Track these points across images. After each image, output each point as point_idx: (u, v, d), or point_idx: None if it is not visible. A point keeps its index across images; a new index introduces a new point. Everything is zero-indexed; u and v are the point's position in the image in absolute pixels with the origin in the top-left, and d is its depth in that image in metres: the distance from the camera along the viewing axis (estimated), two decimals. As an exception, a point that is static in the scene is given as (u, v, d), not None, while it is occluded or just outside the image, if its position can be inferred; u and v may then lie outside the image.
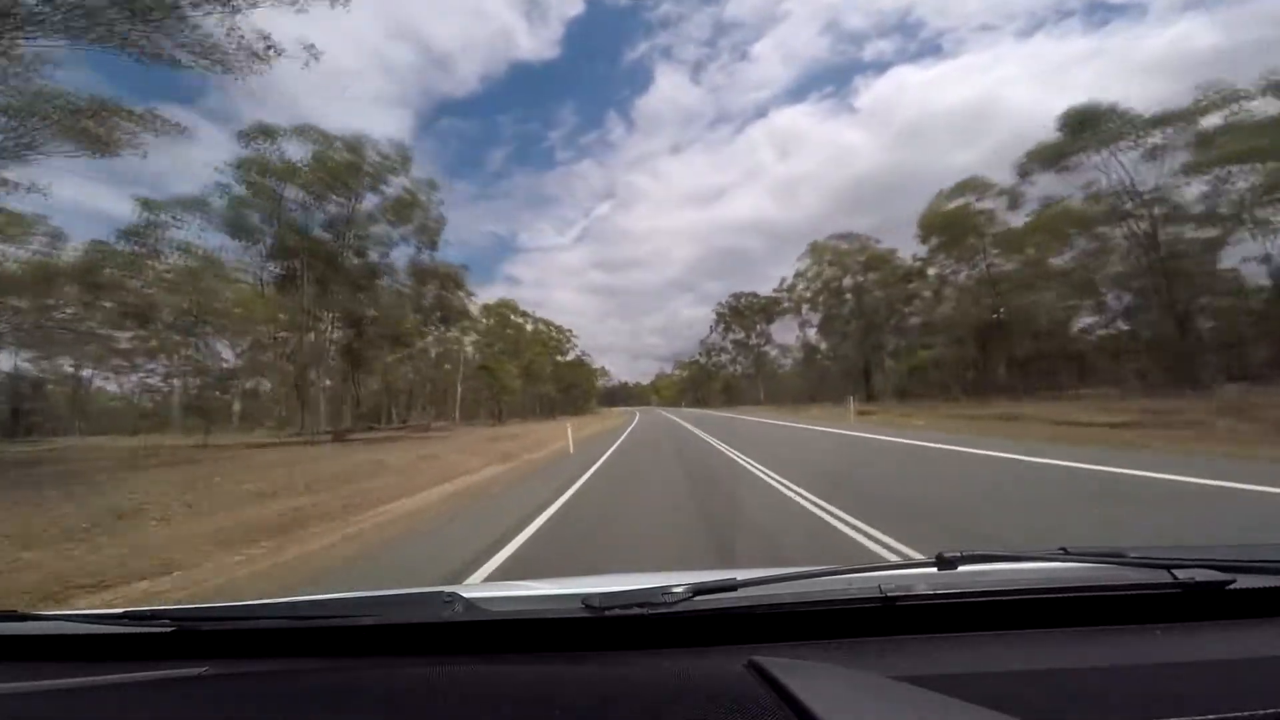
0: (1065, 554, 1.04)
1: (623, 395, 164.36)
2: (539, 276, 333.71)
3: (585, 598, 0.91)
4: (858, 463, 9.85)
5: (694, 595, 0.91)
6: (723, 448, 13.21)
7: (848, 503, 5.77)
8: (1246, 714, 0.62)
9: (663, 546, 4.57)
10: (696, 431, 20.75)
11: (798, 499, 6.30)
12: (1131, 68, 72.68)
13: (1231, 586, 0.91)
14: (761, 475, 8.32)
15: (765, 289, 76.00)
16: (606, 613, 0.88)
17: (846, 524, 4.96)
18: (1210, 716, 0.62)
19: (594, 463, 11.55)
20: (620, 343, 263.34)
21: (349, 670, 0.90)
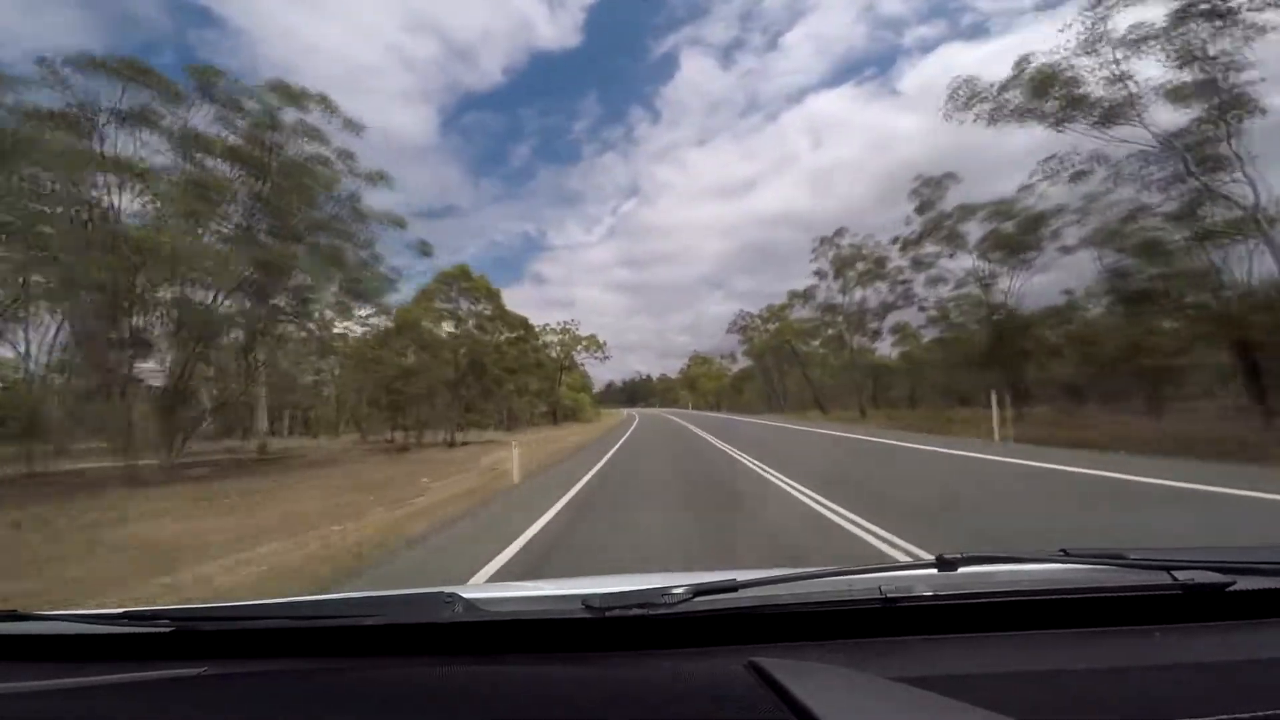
0: (1065, 555, 1.04)
1: (645, 391, 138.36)
2: (566, 274, 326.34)
3: (586, 598, 0.91)
4: None
5: (694, 596, 0.91)
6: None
7: None
8: (1246, 715, 0.62)
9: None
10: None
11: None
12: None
13: (1231, 588, 0.91)
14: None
15: (799, 284, 41.47)
16: (607, 614, 0.88)
17: None
18: (1210, 717, 0.62)
19: None
20: (647, 340, 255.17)
21: (349, 670, 0.90)
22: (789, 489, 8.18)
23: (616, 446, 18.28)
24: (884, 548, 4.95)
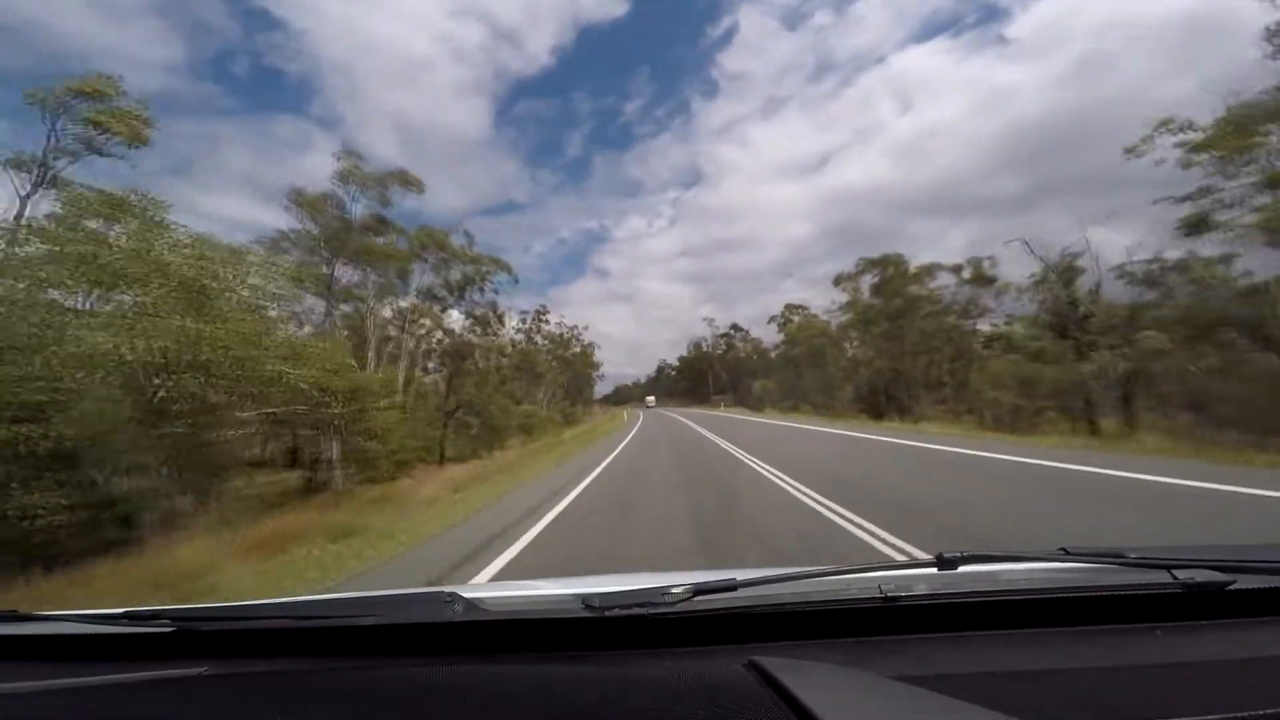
0: (1065, 554, 1.04)
1: (743, 367, 67.25)
2: (628, 267, 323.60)
3: (586, 598, 0.91)
4: None
5: (694, 595, 0.91)
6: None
7: None
8: (1246, 714, 0.62)
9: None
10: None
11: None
12: None
13: (1231, 587, 0.91)
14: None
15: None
16: (607, 613, 0.88)
17: None
18: (1210, 716, 0.62)
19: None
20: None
21: (349, 670, 0.90)
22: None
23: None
24: None
